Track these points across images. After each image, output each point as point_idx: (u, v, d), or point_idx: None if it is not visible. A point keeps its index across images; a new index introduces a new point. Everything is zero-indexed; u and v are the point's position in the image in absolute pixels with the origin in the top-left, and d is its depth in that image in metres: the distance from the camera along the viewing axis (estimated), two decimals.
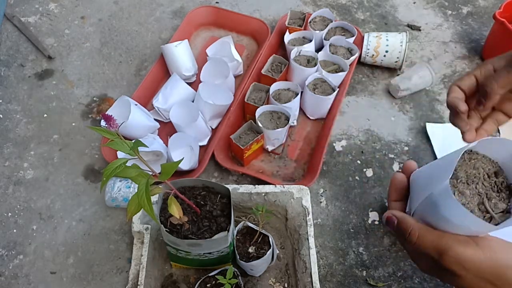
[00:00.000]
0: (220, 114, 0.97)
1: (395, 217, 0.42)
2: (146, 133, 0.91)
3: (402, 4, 1.28)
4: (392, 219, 0.42)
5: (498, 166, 0.41)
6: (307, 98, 0.97)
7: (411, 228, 0.40)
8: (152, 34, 1.18)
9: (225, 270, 0.71)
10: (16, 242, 0.83)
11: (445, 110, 1.04)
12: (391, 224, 0.42)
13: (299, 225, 0.77)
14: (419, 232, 0.40)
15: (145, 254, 0.71)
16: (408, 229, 0.40)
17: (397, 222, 0.42)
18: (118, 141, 0.49)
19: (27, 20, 1.19)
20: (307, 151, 0.97)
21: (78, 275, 0.79)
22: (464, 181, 0.40)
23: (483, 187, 0.39)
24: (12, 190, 0.89)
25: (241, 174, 0.92)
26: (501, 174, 0.41)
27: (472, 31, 1.21)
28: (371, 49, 1.06)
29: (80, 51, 1.13)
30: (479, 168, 0.41)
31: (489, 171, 0.41)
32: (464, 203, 0.38)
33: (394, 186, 0.46)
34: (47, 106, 1.03)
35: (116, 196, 0.83)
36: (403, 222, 0.41)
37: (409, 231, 0.40)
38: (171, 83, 0.98)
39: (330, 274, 0.80)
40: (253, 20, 1.15)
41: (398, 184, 0.46)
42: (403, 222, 0.41)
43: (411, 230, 0.40)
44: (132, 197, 0.51)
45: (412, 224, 0.40)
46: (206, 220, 0.65)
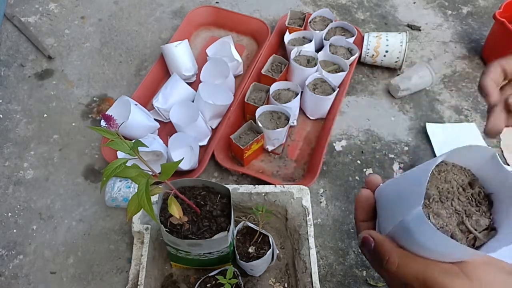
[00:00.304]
0: (220, 114, 0.97)
1: (372, 239, 0.37)
2: (146, 133, 0.91)
3: (402, 4, 1.28)
4: (369, 241, 0.37)
5: (472, 174, 0.37)
6: (307, 98, 0.97)
7: (390, 255, 0.35)
8: (152, 34, 1.18)
9: (225, 270, 0.71)
10: (16, 242, 0.83)
11: (445, 110, 1.04)
12: (367, 246, 0.37)
13: (299, 225, 0.77)
14: (399, 260, 0.34)
15: (145, 254, 0.71)
16: (385, 255, 0.35)
17: (374, 245, 0.36)
18: (118, 141, 0.49)
19: (27, 20, 1.19)
20: (307, 151, 0.97)
21: (78, 275, 0.79)
22: (437, 199, 0.35)
23: (459, 203, 0.35)
24: (12, 190, 0.89)
25: (241, 174, 0.92)
26: (476, 183, 0.37)
27: (472, 31, 1.21)
28: (371, 49, 1.06)
29: (80, 51, 1.13)
30: (451, 180, 0.36)
31: (462, 182, 0.36)
32: (442, 225, 0.34)
33: (360, 205, 0.41)
34: (47, 106, 1.03)
35: (116, 196, 0.83)
36: (381, 246, 0.36)
37: (387, 259, 0.35)
38: (171, 83, 0.98)
39: (330, 274, 0.80)
40: (253, 20, 1.15)
41: (365, 203, 0.41)
42: (381, 247, 0.36)
43: (389, 258, 0.35)
44: (132, 197, 0.51)
45: (391, 250, 0.35)
46: (206, 220, 0.65)
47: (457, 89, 1.08)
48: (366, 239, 0.37)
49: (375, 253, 0.36)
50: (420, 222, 0.32)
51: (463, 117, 1.03)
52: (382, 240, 0.36)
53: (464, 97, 1.07)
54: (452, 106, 1.05)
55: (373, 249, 0.36)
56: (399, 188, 0.37)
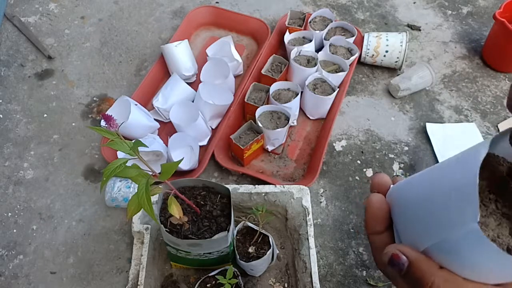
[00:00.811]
0: (220, 114, 0.97)
1: (405, 257, 0.28)
2: (146, 133, 0.91)
3: (402, 4, 1.28)
4: (400, 260, 0.28)
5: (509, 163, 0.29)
6: (307, 98, 0.97)
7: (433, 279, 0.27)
8: (152, 34, 1.18)
9: (225, 270, 0.70)
10: (16, 242, 0.83)
11: (445, 110, 1.04)
12: (397, 266, 0.28)
13: (299, 225, 0.77)
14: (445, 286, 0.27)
15: (145, 254, 0.71)
16: (426, 279, 0.27)
17: (409, 265, 0.28)
18: (118, 141, 0.49)
19: (27, 20, 1.19)
20: (307, 151, 0.97)
21: (78, 275, 0.79)
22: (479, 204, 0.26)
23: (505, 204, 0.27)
24: (12, 190, 0.89)
25: (241, 174, 0.92)
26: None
27: (472, 31, 1.21)
28: (371, 49, 1.06)
29: (80, 51, 1.13)
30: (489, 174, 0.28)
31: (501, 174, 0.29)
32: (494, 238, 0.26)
33: (372, 215, 0.32)
34: (47, 106, 1.03)
35: (116, 196, 0.83)
36: (419, 267, 0.27)
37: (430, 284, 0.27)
38: (171, 83, 0.98)
39: (330, 274, 0.80)
40: (253, 20, 1.15)
41: (378, 211, 0.32)
42: (419, 268, 0.27)
43: (432, 283, 0.27)
44: (132, 197, 0.51)
45: (434, 272, 0.27)
46: (206, 220, 0.65)
47: (457, 89, 1.08)
48: (396, 258, 0.29)
49: (408, 275, 0.28)
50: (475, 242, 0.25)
51: (463, 117, 1.03)
52: (420, 260, 0.28)
53: (464, 97, 1.07)
54: (452, 106, 1.05)
55: (406, 271, 0.28)
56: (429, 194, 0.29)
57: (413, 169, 0.94)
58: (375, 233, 0.33)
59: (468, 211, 0.24)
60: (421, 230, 0.29)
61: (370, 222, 0.33)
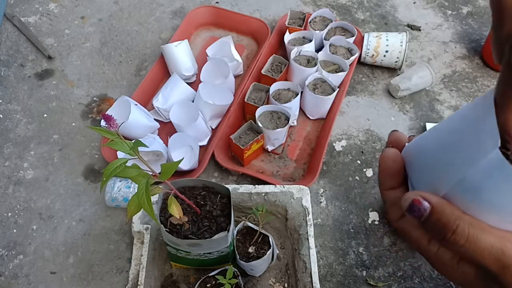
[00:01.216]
0: (220, 114, 0.97)
1: (427, 203, 0.26)
2: (146, 133, 0.91)
3: (402, 4, 1.28)
4: (421, 205, 0.26)
5: None
6: (307, 98, 0.97)
7: (458, 223, 0.25)
8: (152, 34, 1.18)
9: (225, 270, 0.70)
10: (16, 242, 0.83)
11: (445, 110, 1.04)
12: (418, 212, 0.26)
13: (299, 225, 0.77)
14: (470, 230, 0.25)
15: (145, 254, 0.71)
16: (452, 224, 0.25)
17: (431, 211, 0.26)
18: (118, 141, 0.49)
19: (27, 20, 1.19)
20: (307, 151, 0.97)
21: (78, 275, 0.79)
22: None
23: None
24: (12, 190, 0.89)
25: (241, 174, 0.92)
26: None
27: (472, 31, 1.21)
28: (371, 49, 1.06)
29: (80, 51, 1.13)
30: None
31: None
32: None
33: (386, 169, 0.31)
34: (47, 106, 1.03)
35: (116, 196, 0.83)
36: (442, 212, 0.26)
37: (454, 228, 0.25)
38: (171, 83, 0.98)
39: (330, 274, 0.80)
40: (253, 20, 1.15)
41: (392, 165, 0.31)
42: (442, 213, 0.26)
43: (457, 227, 0.25)
44: (132, 197, 0.51)
45: (459, 216, 0.25)
46: (206, 220, 0.65)
47: (457, 89, 1.08)
48: (417, 203, 0.26)
49: (430, 222, 0.26)
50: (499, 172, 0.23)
51: None
52: (443, 203, 0.26)
53: (464, 97, 1.07)
54: (452, 106, 1.05)
55: (427, 217, 0.26)
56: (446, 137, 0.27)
57: None
58: (389, 188, 0.32)
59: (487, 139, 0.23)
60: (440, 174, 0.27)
61: (384, 177, 0.32)
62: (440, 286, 0.79)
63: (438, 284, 0.79)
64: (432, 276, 0.80)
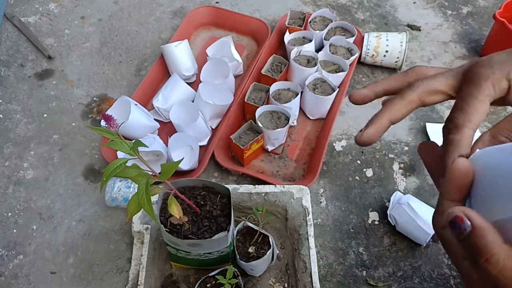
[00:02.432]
0: (220, 114, 0.97)
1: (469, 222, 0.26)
2: (146, 133, 0.91)
3: (402, 4, 1.28)
4: (463, 224, 0.26)
5: None
6: (307, 98, 0.97)
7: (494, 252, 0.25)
8: (152, 34, 1.18)
9: (225, 270, 0.71)
10: (16, 242, 0.83)
11: (445, 110, 1.04)
12: (458, 229, 0.26)
13: (299, 225, 0.77)
14: (506, 262, 0.25)
15: (145, 254, 0.71)
16: (488, 252, 0.25)
17: (471, 232, 0.25)
18: (118, 141, 0.49)
19: (27, 20, 1.19)
20: (307, 151, 0.97)
21: (78, 275, 0.79)
22: None
23: None
24: (12, 190, 0.89)
25: (241, 174, 0.92)
26: None
27: (472, 31, 1.21)
28: (371, 49, 1.06)
29: (80, 51, 1.13)
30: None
31: None
32: None
33: (456, 182, 0.29)
34: (47, 106, 1.03)
35: (116, 196, 0.83)
36: (482, 236, 0.25)
37: (488, 256, 0.25)
38: (171, 83, 0.98)
39: (330, 274, 0.80)
40: (253, 20, 1.15)
41: (463, 179, 0.29)
42: (482, 237, 0.25)
43: (491, 256, 0.25)
44: (132, 197, 0.51)
45: (497, 246, 0.25)
46: (206, 220, 0.65)
47: None
48: (459, 220, 0.26)
49: (467, 242, 0.26)
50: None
51: None
52: (485, 228, 0.25)
53: None
54: (452, 106, 1.04)
55: (466, 236, 0.26)
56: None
57: (413, 169, 0.94)
58: (451, 200, 0.30)
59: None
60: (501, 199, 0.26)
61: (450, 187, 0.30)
62: (440, 286, 0.79)
63: (438, 284, 0.79)
64: (432, 276, 0.80)
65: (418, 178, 0.92)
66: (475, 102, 0.31)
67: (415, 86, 0.34)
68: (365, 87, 0.38)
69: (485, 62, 0.33)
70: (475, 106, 0.31)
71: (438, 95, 0.35)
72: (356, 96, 0.39)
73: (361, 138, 0.35)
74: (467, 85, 0.33)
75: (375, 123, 0.35)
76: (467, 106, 0.32)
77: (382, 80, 0.39)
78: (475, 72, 0.33)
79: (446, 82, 0.34)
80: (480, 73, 0.32)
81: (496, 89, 0.32)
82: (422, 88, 0.34)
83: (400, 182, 0.92)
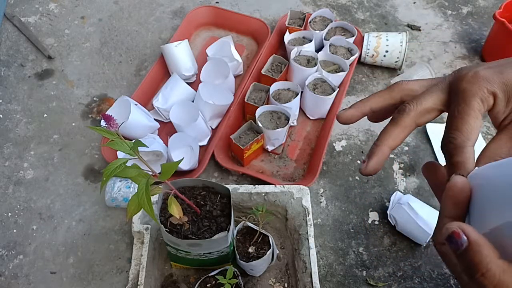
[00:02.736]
0: (220, 114, 0.97)
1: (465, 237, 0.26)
2: (146, 133, 0.91)
3: (402, 4, 1.28)
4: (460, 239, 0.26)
5: None
6: (307, 98, 0.97)
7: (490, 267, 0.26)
8: (152, 34, 1.18)
9: (225, 270, 0.71)
10: (16, 242, 0.83)
11: None
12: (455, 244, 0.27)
13: (299, 225, 0.77)
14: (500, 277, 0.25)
15: (145, 254, 0.71)
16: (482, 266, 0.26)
17: (468, 247, 0.26)
18: (118, 141, 0.49)
19: (27, 20, 1.19)
20: (307, 151, 0.97)
21: (78, 275, 0.79)
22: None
23: None
24: (12, 190, 0.89)
25: (241, 174, 0.92)
26: None
27: (472, 31, 1.21)
28: (371, 49, 1.06)
29: (80, 51, 1.13)
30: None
31: None
32: None
33: (453, 197, 0.30)
34: (47, 106, 1.03)
35: (116, 196, 0.83)
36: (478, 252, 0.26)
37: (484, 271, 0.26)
38: (171, 83, 0.98)
39: (330, 274, 0.80)
40: (253, 20, 1.15)
41: (460, 195, 0.30)
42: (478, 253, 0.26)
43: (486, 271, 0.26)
44: (132, 197, 0.51)
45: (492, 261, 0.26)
46: (206, 220, 0.65)
47: None
48: (456, 235, 0.27)
49: (464, 257, 0.27)
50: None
51: None
52: (481, 244, 0.26)
53: None
54: None
55: (463, 251, 0.26)
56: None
57: (413, 169, 0.94)
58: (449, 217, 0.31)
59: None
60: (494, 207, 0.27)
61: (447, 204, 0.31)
62: (440, 286, 0.79)
63: (438, 284, 0.79)
64: (432, 276, 0.80)
65: (418, 178, 0.92)
66: (469, 120, 0.32)
67: (407, 110, 0.35)
68: (351, 107, 0.39)
69: (471, 78, 0.33)
70: (470, 124, 0.32)
71: (431, 113, 0.36)
72: (344, 117, 0.39)
73: (366, 170, 0.35)
74: (457, 102, 0.33)
75: (376, 153, 0.35)
76: (463, 125, 0.32)
77: (368, 98, 0.39)
78: (463, 88, 0.33)
79: (437, 98, 0.35)
80: (468, 90, 0.33)
81: (485, 105, 0.33)
82: (414, 112, 0.35)
83: (400, 182, 0.92)
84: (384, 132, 0.36)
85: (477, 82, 0.33)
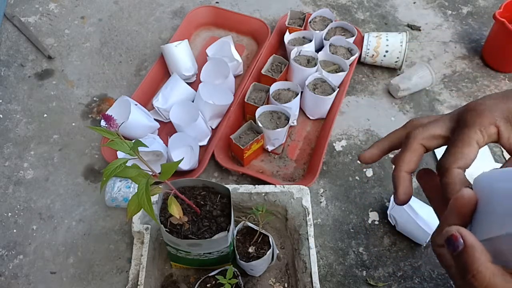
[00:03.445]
0: (220, 114, 0.97)
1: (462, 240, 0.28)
2: (146, 133, 0.91)
3: (402, 4, 1.28)
4: (457, 241, 0.28)
5: None
6: (307, 98, 0.97)
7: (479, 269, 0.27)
8: (152, 34, 1.18)
9: (225, 270, 0.71)
10: (16, 242, 0.83)
11: (445, 110, 1.04)
12: (452, 246, 0.28)
13: (299, 225, 0.77)
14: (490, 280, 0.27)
15: (145, 254, 0.71)
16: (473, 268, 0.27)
17: (463, 250, 0.28)
18: (118, 141, 0.49)
19: (27, 20, 1.19)
20: (307, 151, 0.97)
21: (78, 275, 0.79)
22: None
23: None
24: (12, 190, 0.89)
25: (241, 174, 0.92)
26: None
27: (472, 31, 1.21)
28: (371, 49, 1.06)
29: (80, 51, 1.13)
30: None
31: None
32: None
33: (458, 209, 0.31)
34: (47, 106, 1.03)
35: (116, 196, 0.83)
36: (472, 254, 0.27)
37: (474, 273, 0.27)
38: (171, 83, 0.98)
39: (330, 274, 0.80)
40: (253, 20, 1.15)
41: (465, 207, 0.31)
42: (471, 255, 0.27)
43: (476, 273, 0.27)
44: (132, 197, 0.51)
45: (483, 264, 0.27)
46: (206, 220, 0.65)
47: (457, 89, 1.08)
48: (454, 238, 0.28)
49: (459, 258, 0.28)
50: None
51: None
52: (476, 247, 0.28)
53: (464, 97, 1.07)
54: (452, 106, 1.05)
55: (458, 253, 0.28)
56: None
57: None
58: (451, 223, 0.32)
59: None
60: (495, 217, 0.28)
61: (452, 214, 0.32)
62: (440, 286, 0.79)
63: (438, 284, 0.79)
64: (432, 276, 0.80)
65: None
66: (463, 147, 0.34)
67: (414, 134, 0.37)
68: (371, 147, 0.42)
69: (476, 107, 0.36)
70: (463, 151, 0.34)
71: (437, 139, 0.38)
72: (366, 157, 0.42)
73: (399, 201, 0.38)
74: (458, 130, 0.36)
75: (401, 183, 0.38)
76: (455, 151, 0.35)
77: (385, 137, 0.42)
78: (465, 118, 0.36)
79: (444, 126, 0.37)
80: (469, 120, 0.35)
81: (485, 135, 0.34)
82: (420, 135, 0.37)
83: None
84: (397, 159, 0.38)
85: (480, 113, 0.35)
